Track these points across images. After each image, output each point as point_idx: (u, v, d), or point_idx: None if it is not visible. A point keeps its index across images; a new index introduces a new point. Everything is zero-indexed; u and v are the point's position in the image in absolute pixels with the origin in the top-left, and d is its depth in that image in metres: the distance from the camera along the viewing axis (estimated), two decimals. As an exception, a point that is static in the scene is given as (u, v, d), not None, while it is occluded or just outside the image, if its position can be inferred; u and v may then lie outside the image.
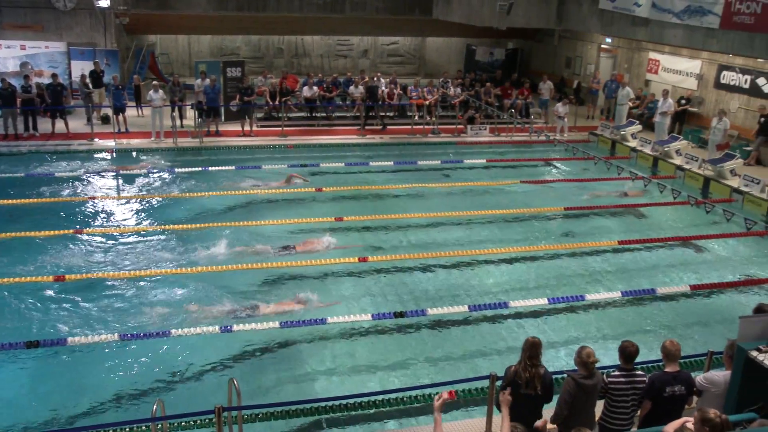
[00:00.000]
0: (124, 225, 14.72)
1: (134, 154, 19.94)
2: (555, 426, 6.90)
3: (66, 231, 13.56)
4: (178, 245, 13.47)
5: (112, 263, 12.69)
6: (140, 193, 16.60)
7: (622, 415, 6.88)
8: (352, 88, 23.88)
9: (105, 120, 22.20)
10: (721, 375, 6.86)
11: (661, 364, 7.44)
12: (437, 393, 8.74)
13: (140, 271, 12.17)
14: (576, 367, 6.77)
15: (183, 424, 8.03)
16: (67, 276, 11.59)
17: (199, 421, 7.97)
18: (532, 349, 6.71)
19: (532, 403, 6.76)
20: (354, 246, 13.78)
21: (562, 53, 30.66)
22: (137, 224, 14.77)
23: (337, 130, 23.18)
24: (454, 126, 23.70)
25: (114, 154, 19.62)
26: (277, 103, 22.81)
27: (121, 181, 17.44)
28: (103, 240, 13.72)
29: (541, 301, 11.40)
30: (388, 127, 23.69)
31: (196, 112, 21.35)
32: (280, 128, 22.31)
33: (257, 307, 11.14)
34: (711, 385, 6.81)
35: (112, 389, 9.07)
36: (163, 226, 14.32)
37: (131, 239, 13.85)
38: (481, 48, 31.34)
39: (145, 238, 13.85)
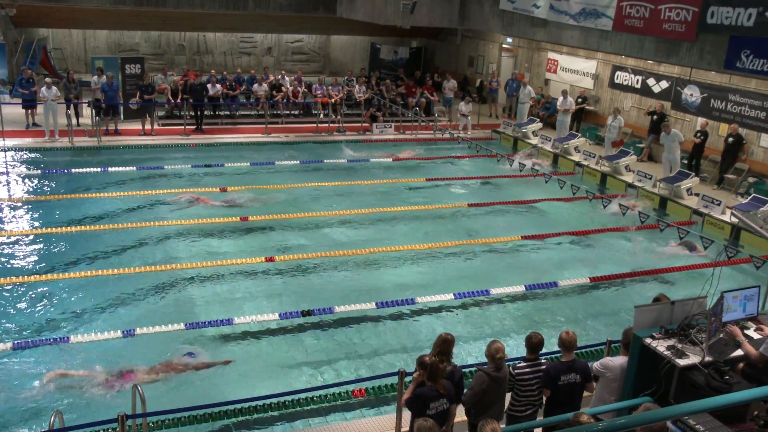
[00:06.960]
0: (13, 228, 13.97)
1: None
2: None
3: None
4: (72, 248, 12.97)
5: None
6: (33, 195, 15.81)
7: (529, 404, 7.08)
8: (256, 86, 23.57)
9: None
10: (617, 361, 7.13)
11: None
12: (346, 391, 8.81)
13: (35, 276, 11.64)
14: (486, 360, 6.91)
15: (84, 435, 7.69)
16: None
17: (101, 431, 7.67)
18: (443, 346, 6.77)
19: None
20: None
21: (465, 52, 31.26)
22: (29, 227, 14.04)
23: (242, 129, 22.83)
24: (359, 124, 23.79)
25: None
26: (179, 101, 22.25)
27: (12, 183, 16.57)
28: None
29: (448, 297, 11.55)
30: (293, 125, 23.55)
31: (94, 110, 20.53)
32: (183, 127, 21.79)
33: None
34: (606, 370, 7.07)
35: (3, 402, 8.55)
36: (56, 229, 13.71)
37: (21, 243, 13.19)
38: (386, 46, 31.57)
39: (37, 241, 13.23)
